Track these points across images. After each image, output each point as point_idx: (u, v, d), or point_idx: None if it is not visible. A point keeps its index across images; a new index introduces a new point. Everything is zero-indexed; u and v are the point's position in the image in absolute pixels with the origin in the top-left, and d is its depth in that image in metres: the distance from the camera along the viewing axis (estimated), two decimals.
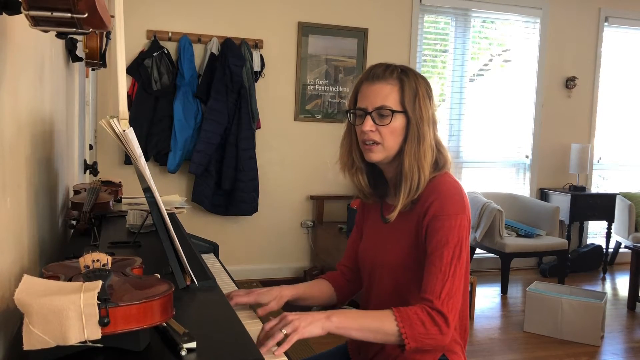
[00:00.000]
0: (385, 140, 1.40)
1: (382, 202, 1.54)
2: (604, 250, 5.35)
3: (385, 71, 1.41)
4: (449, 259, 1.31)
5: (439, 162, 1.43)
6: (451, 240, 1.32)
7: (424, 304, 1.29)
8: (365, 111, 1.41)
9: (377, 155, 1.41)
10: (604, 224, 5.39)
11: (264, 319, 1.38)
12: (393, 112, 1.38)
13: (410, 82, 1.40)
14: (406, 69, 1.43)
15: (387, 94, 1.39)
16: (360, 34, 4.78)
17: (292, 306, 1.57)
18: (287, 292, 1.52)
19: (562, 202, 5.11)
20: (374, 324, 1.27)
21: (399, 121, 1.39)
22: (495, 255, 4.76)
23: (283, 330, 1.18)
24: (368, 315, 1.31)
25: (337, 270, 1.67)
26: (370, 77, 1.42)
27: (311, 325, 1.21)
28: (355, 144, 1.48)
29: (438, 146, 1.44)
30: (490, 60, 5.36)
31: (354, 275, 1.64)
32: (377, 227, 1.52)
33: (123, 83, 1.01)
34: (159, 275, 0.98)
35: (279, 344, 1.16)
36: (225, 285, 1.55)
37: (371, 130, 1.39)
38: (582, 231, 5.59)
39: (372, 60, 4.77)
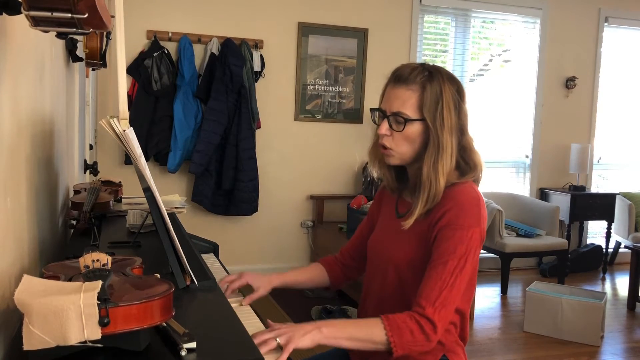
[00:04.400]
0: (397, 146, 1.39)
1: (398, 197, 1.54)
2: (604, 250, 5.35)
3: (410, 74, 1.37)
4: (451, 269, 1.30)
5: (464, 168, 1.40)
6: (458, 251, 1.31)
7: (415, 309, 1.30)
8: (384, 113, 1.41)
9: (392, 159, 1.42)
10: (603, 224, 5.39)
11: (258, 310, 1.40)
12: (406, 120, 1.36)
13: (433, 89, 1.36)
14: (434, 71, 1.38)
15: (405, 100, 1.36)
16: (360, 34, 4.78)
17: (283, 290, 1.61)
18: (276, 280, 1.57)
19: (562, 202, 5.11)
20: (362, 334, 1.27)
21: (415, 128, 1.37)
22: (495, 255, 4.75)
23: (277, 340, 1.18)
24: (357, 324, 1.31)
25: (335, 255, 1.70)
26: (395, 78, 1.39)
27: (304, 337, 1.20)
28: None
29: (465, 152, 1.40)
30: (490, 60, 5.36)
31: (353, 263, 1.65)
32: (390, 221, 1.52)
33: (123, 83, 1.01)
34: (159, 275, 0.98)
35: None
36: None
37: (386, 135, 1.39)
38: (582, 231, 5.59)
39: (372, 60, 4.78)
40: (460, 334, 1.47)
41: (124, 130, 1.00)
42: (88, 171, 2.81)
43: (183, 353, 0.88)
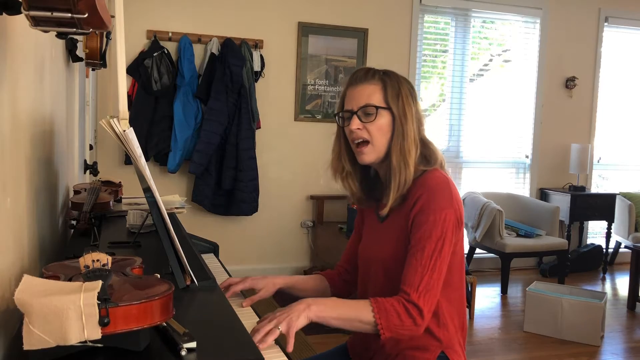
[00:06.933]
0: (373, 137, 1.43)
1: (377, 204, 1.55)
2: (604, 250, 5.35)
3: (366, 74, 1.46)
4: (429, 253, 1.34)
5: (428, 158, 1.45)
6: (434, 235, 1.35)
7: (401, 295, 1.33)
8: (351, 112, 1.45)
9: (368, 156, 1.45)
10: (604, 224, 5.39)
11: (259, 312, 1.40)
12: (377, 108, 1.42)
13: (392, 82, 1.45)
14: (388, 71, 1.48)
15: (370, 93, 1.43)
16: (360, 34, 4.78)
17: (285, 294, 1.61)
18: (279, 281, 1.58)
19: (562, 202, 5.11)
20: (351, 314, 1.31)
21: (384, 118, 1.43)
22: (495, 255, 4.76)
23: (279, 328, 1.21)
24: (346, 304, 1.34)
25: (335, 270, 1.70)
26: (353, 80, 1.47)
27: (299, 318, 1.26)
28: (344, 149, 1.52)
29: (424, 142, 1.47)
30: (490, 60, 5.36)
31: (351, 277, 1.67)
32: (374, 227, 1.55)
33: (123, 83, 1.01)
34: (159, 275, 0.98)
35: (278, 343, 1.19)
36: None
37: (358, 129, 1.43)
38: (582, 231, 5.59)
39: (372, 60, 4.78)
40: (459, 329, 1.48)
41: (124, 131, 1.00)
42: (88, 171, 2.81)
43: (183, 353, 0.88)
